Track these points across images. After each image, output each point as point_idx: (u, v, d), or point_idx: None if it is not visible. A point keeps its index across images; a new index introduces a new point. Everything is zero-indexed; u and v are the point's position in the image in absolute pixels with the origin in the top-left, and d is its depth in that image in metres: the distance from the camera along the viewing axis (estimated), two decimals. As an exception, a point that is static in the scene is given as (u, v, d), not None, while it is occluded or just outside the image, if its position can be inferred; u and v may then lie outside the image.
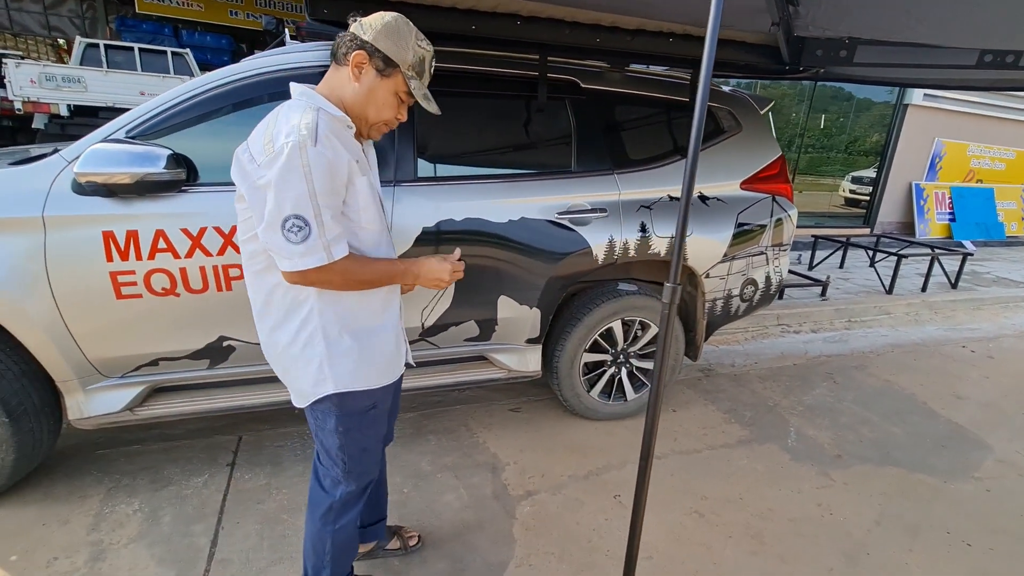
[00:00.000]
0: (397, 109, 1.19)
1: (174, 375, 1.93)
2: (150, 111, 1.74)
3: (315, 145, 1.01)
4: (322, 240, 1.05)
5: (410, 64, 1.14)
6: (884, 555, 1.85)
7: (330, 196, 1.05)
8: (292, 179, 1.00)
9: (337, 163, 1.05)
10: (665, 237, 2.30)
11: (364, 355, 1.21)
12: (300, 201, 1.02)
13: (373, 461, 1.36)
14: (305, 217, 1.02)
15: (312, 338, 1.17)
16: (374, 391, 1.25)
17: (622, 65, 2.37)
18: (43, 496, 1.89)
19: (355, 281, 1.14)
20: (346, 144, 1.11)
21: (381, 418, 1.33)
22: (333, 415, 1.23)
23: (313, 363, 1.18)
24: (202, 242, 1.75)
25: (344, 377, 1.19)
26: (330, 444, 1.27)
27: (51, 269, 1.64)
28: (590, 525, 1.91)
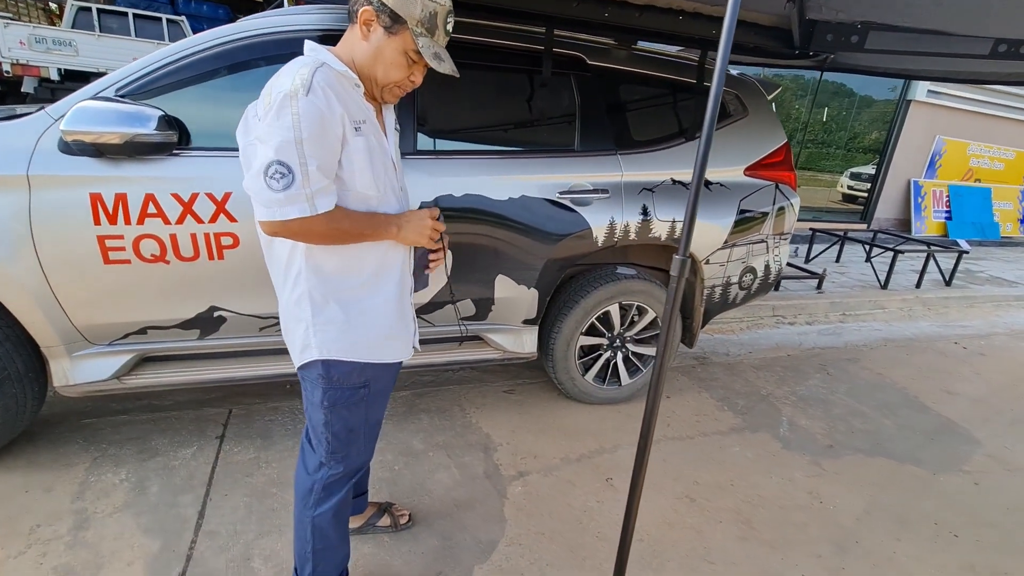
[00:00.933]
0: (408, 70, 1.11)
1: (163, 345, 1.89)
2: (141, 69, 1.68)
3: (307, 95, 0.96)
4: (306, 190, 0.99)
5: (418, 20, 1.05)
6: (872, 544, 1.86)
7: (319, 148, 0.99)
8: (279, 126, 0.96)
9: (330, 116, 0.99)
10: (666, 221, 2.27)
11: (352, 325, 1.15)
12: (285, 148, 0.96)
13: (360, 446, 1.29)
14: (289, 164, 0.97)
15: (300, 299, 1.13)
16: (365, 367, 1.20)
17: (629, 42, 2.32)
18: (27, 464, 1.86)
19: (336, 231, 1.06)
20: (347, 101, 1.04)
21: (375, 401, 1.26)
22: (320, 387, 1.18)
23: (301, 325, 1.15)
24: (193, 208, 1.70)
25: (328, 344, 1.14)
26: (316, 419, 1.22)
27: (36, 230, 1.58)
28: (581, 507, 1.91)
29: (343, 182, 1.08)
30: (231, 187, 1.71)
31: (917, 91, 6.91)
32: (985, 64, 2.23)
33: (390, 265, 1.20)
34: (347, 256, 1.13)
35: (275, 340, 1.99)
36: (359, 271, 1.16)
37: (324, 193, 1.02)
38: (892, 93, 7.47)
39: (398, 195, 1.22)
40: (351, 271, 1.15)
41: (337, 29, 1.83)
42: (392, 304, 1.22)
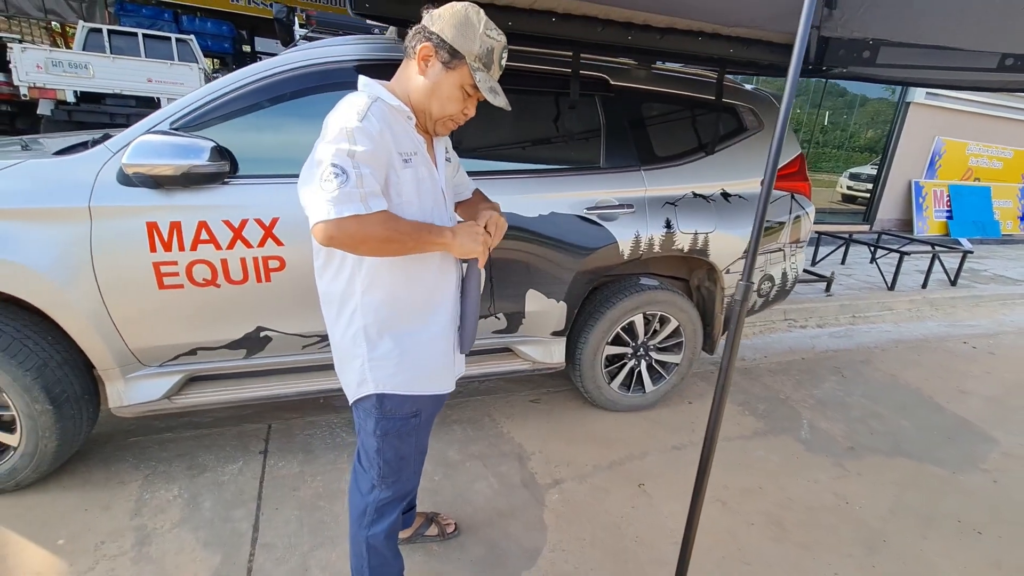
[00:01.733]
0: (463, 104, 1.15)
1: (211, 364, 1.96)
2: (193, 103, 1.76)
3: (360, 122, 1.01)
4: (360, 190, 0.99)
5: (476, 55, 1.10)
6: (900, 543, 1.93)
7: (370, 160, 1.01)
8: (334, 141, 1.00)
9: (380, 141, 1.03)
10: (689, 233, 2.35)
11: (406, 359, 1.20)
12: (339, 155, 0.99)
13: (411, 471, 1.35)
14: (343, 166, 0.98)
15: (356, 336, 1.18)
16: (417, 398, 1.24)
17: (650, 62, 2.40)
18: (82, 482, 1.92)
19: (389, 238, 1.04)
20: (398, 134, 1.09)
21: (424, 428, 1.32)
22: (373, 417, 1.23)
23: (356, 362, 1.19)
24: (243, 234, 1.77)
25: (384, 380, 1.19)
26: (368, 446, 1.27)
27: (96, 259, 1.66)
28: (618, 513, 1.97)
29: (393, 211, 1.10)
30: (278, 212, 1.79)
31: (916, 93, 7.02)
32: (991, 74, 2.32)
33: (440, 297, 1.25)
34: (400, 290, 1.17)
35: (316, 358, 2.06)
36: (411, 304, 1.20)
37: (376, 196, 1.02)
38: (890, 94, 7.59)
39: (447, 220, 1.26)
40: (404, 305, 1.19)
41: (371, 60, 1.92)
42: (442, 335, 1.26)
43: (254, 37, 11.99)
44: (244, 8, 10.41)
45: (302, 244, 1.81)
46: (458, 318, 1.32)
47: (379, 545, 1.35)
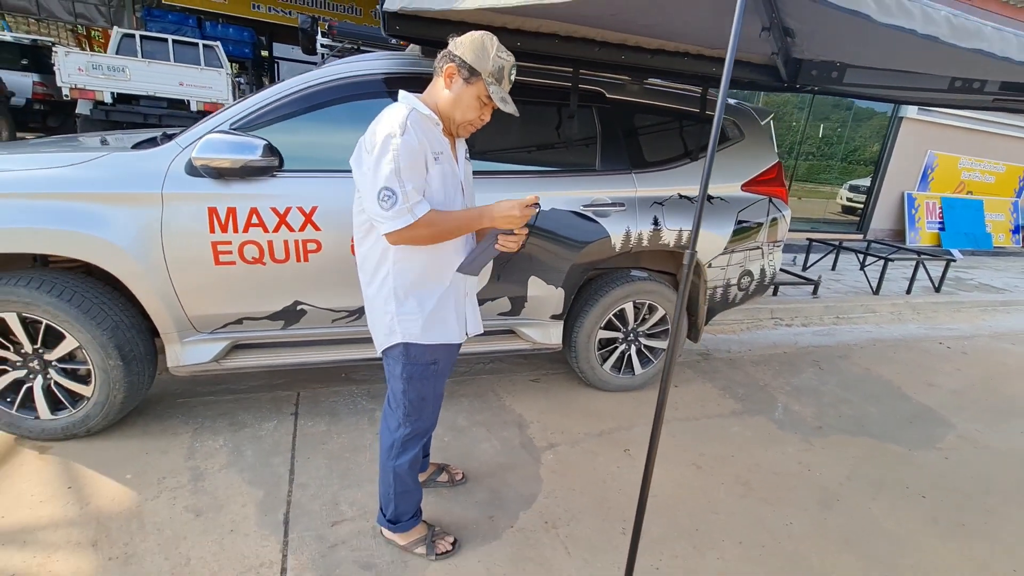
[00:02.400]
0: (480, 111, 1.43)
1: (253, 333, 2.26)
2: (249, 108, 2.07)
3: (402, 135, 1.29)
4: (406, 204, 1.31)
5: (490, 72, 1.37)
6: (851, 503, 2.20)
7: (412, 173, 1.32)
8: (384, 160, 1.30)
9: (419, 150, 1.33)
10: (674, 230, 2.64)
11: (426, 315, 1.49)
12: (389, 177, 1.30)
13: (430, 411, 1.63)
14: (392, 188, 1.30)
15: (388, 296, 1.47)
16: (435, 347, 1.53)
17: (642, 79, 2.70)
18: (141, 432, 2.22)
19: (441, 231, 1.39)
20: (430, 137, 1.38)
21: (441, 375, 1.60)
22: (400, 362, 1.52)
23: (387, 316, 1.49)
24: (287, 219, 2.08)
25: (408, 330, 1.48)
26: (396, 388, 1.57)
27: (165, 238, 1.97)
28: (605, 471, 2.25)
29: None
30: (317, 202, 2.09)
31: (908, 109, 7.30)
32: (944, 95, 2.60)
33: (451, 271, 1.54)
34: (426, 260, 1.46)
35: (343, 331, 2.36)
36: (433, 271, 1.49)
37: (420, 203, 1.35)
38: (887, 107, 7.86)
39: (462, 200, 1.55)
40: (427, 272, 1.48)
41: (396, 73, 2.22)
42: (454, 300, 1.56)
43: (272, 42, 12.44)
44: (264, 15, 10.84)
45: (336, 229, 2.11)
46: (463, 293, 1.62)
47: (403, 474, 1.64)
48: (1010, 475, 2.51)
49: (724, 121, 2.82)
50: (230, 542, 1.71)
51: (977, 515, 2.19)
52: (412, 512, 1.74)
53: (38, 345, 2.02)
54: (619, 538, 1.88)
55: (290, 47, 12.55)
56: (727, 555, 1.85)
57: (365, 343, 2.38)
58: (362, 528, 1.82)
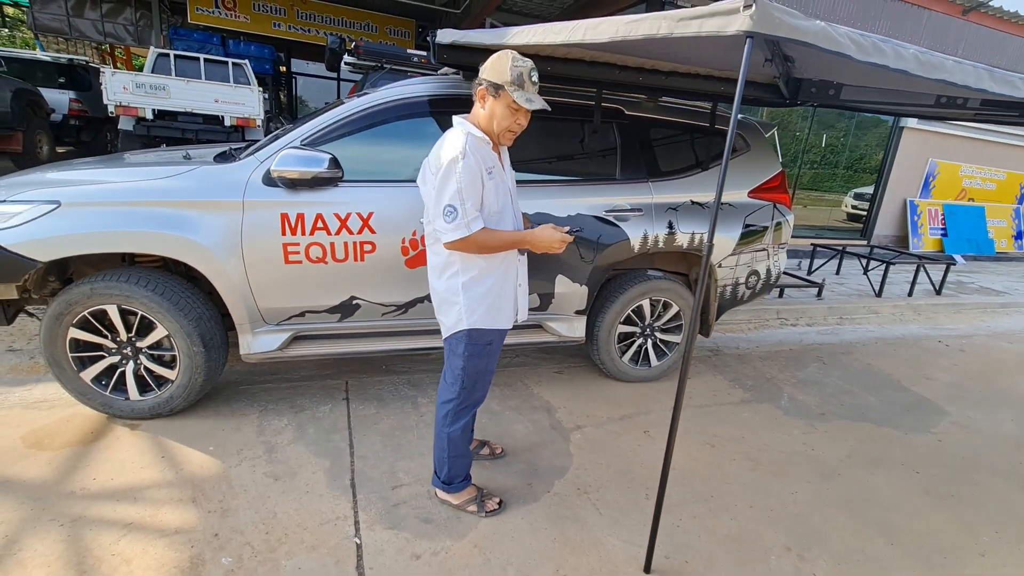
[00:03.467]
0: (513, 117, 1.65)
1: (313, 325, 2.54)
2: (317, 127, 2.37)
3: (464, 159, 1.57)
4: (464, 219, 1.60)
5: (510, 81, 1.59)
6: (851, 476, 2.44)
7: (471, 192, 1.60)
8: (448, 182, 1.58)
9: (477, 170, 1.61)
10: (687, 233, 2.91)
11: (488, 305, 1.77)
12: (452, 196, 1.59)
13: (482, 384, 1.90)
14: (454, 205, 1.59)
15: (455, 289, 1.76)
16: (492, 331, 1.82)
17: (657, 97, 2.99)
18: (214, 414, 2.50)
19: (488, 247, 1.68)
20: (484, 156, 1.67)
21: (494, 354, 1.87)
22: (463, 343, 1.80)
23: (455, 307, 1.78)
24: (347, 224, 2.37)
25: (474, 318, 1.76)
26: (456, 365, 1.84)
27: (245, 239, 2.26)
28: (628, 448, 2.50)
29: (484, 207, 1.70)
30: (373, 208, 2.38)
31: (908, 119, 7.55)
32: (932, 110, 2.87)
33: (508, 266, 1.83)
34: (485, 262, 1.75)
35: (391, 324, 2.64)
36: (491, 270, 1.77)
37: (475, 219, 1.63)
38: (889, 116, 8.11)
39: (515, 211, 1.85)
40: (488, 269, 1.76)
41: (440, 95, 2.52)
42: (510, 290, 1.86)
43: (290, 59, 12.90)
44: (284, 33, 11.29)
45: (389, 233, 2.40)
46: (517, 282, 1.90)
47: (457, 439, 1.91)
48: (998, 455, 2.73)
49: (731, 134, 3.10)
50: (307, 501, 1.98)
51: (965, 487, 2.43)
52: (463, 475, 2.00)
53: (132, 334, 2.31)
54: (643, 502, 2.13)
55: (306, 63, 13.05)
56: (739, 516, 2.10)
57: (409, 335, 2.66)
58: (419, 492, 2.08)
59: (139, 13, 11.04)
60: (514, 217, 1.84)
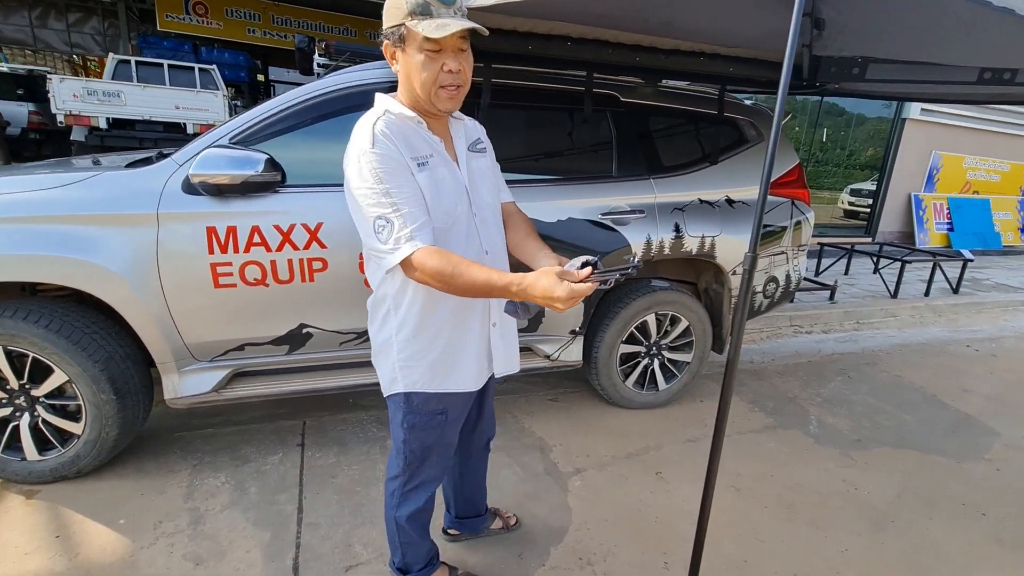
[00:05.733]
0: (434, 64, 1.11)
1: (256, 360, 2.11)
2: (249, 121, 1.96)
3: (372, 147, 1.10)
4: (404, 232, 1.09)
5: (408, 12, 1.08)
6: (906, 523, 2.03)
7: (402, 189, 1.10)
8: (367, 184, 1.10)
9: (399, 158, 1.12)
10: (696, 236, 2.51)
11: (433, 360, 1.26)
12: (379, 203, 1.09)
13: (436, 463, 1.40)
14: (385, 215, 1.09)
15: (388, 339, 1.27)
16: (444, 396, 1.30)
17: (656, 81, 2.60)
18: (136, 471, 2.06)
19: (452, 286, 1.09)
20: (411, 139, 1.15)
21: (451, 424, 1.37)
22: (401, 411, 1.31)
23: (388, 361, 1.29)
24: (291, 237, 1.95)
25: (412, 378, 1.26)
26: (397, 436, 1.36)
27: (161, 260, 1.83)
28: (637, 497, 2.09)
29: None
30: (322, 218, 1.97)
31: (911, 110, 7.25)
32: (973, 88, 2.50)
33: (471, 305, 1.27)
34: (428, 297, 1.20)
35: (352, 354, 2.21)
36: (435, 309, 1.23)
37: (421, 228, 1.11)
38: (886, 111, 7.84)
39: (482, 228, 1.27)
40: (434, 310, 1.23)
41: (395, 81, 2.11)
42: (473, 338, 1.31)
43: (268, 66, 12.48)
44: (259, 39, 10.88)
45: (343, 247, 1.98)
46: (490, 322, 1.34)
47: (405, 526, 1.43)
48: (1068, 486, 2.34)
49: (742, 122, 2.72)
50: (235, 594, 1.55)
51: (1043, 533, 2.03)
52: (424, 562, 1.53)
53: (24, 380, 1.87)
54: (662, 573, 1.71)
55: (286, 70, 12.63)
56: (782, 589, 1.69)
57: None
58: (379, 571, 1.65)
59: (107, 22, 10.61)
60: (478, 237, 1.27)
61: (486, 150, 1.41)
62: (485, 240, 1.30)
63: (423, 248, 1.10)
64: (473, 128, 1.40)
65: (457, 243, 1.22)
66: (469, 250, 1.24)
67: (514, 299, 1.12)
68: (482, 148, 1.39)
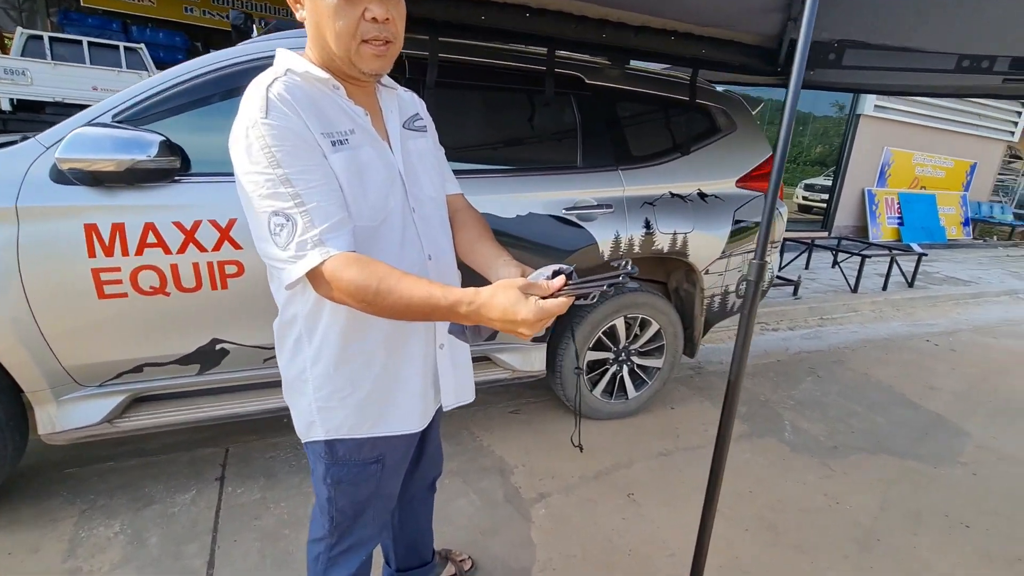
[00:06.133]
0: (353, 10, 0.83)
1: (160, 382, 1.77)
2: (138, 95, 1.60)
3: (265, 117, 0.80)
4: (311, 234, 0.80)
5: None
6: (893, 541, 1.89)
7: (308, 174, 0.81)
8: (257, 168, 0.80)
9: (301, 134, 0.82)
10: (668, 233, 2.31)
11: (364, 399, 0.98)
12: (274, 193, 0.80)
13: (370, 521, 1.12)
14: (283, 211, 0.80)
15: (301, 373, 0.97)
16: (379, 441, 1.02)
17: (624, 61, 2.38)
18: (7, 522, 1.69)
19: (379, 307, 0.81)
20: (323, 108, 0.87)
21: (389, 474, 1.08)
22: (323, 462, 1.01)
23: (303, 401, 0.99)
24: (196, 236, 1.62)
25: (335, 422, 0.97)
26: (319, 493, 1.07)
27: (24, 265, 1.47)
28: (608, 525, 1.87)
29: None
30: (235, 213, 1.64)
31: (865, 105, 7.37)
32: (949, 78, 2.39)
33: (410, 326, 1.00)
34: (355, 317, 0.91)
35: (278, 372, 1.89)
36: (371, 334, 0.95)
37: (336, 229, 0.82)
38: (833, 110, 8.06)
39: (408, 217, 0.97)
40: (361, 335, 0.95)
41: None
42: (415, 367, 1.03)
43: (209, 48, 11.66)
44: (198, 19, 10.12)
45: (263, 247, 1.66)
46: (436, 344, 1.05)
47: None
48: (1042, 489, 2.28)
49: (714, 110, 2.53)
50: None
51: (1028, 544, 1.93)
52: None
53: None
54: (638, 621, 1.49)
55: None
56: (771, 632, 1.50)
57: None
58: (305, 642, 1.36)
59: (23, -4, 9.62)
60: (418, 238, 1.00)
61: (427, 129, 1.12)
62: (427, 243, 1.01)
63: (338, 256, 0.81)
64: (410, 101, 1.10)
65: (389, 248, 0.94)
66: (406, 256, 0.97)
67: (463, 322, 0.85)
68: (422, 126, 1.10)
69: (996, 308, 5.33)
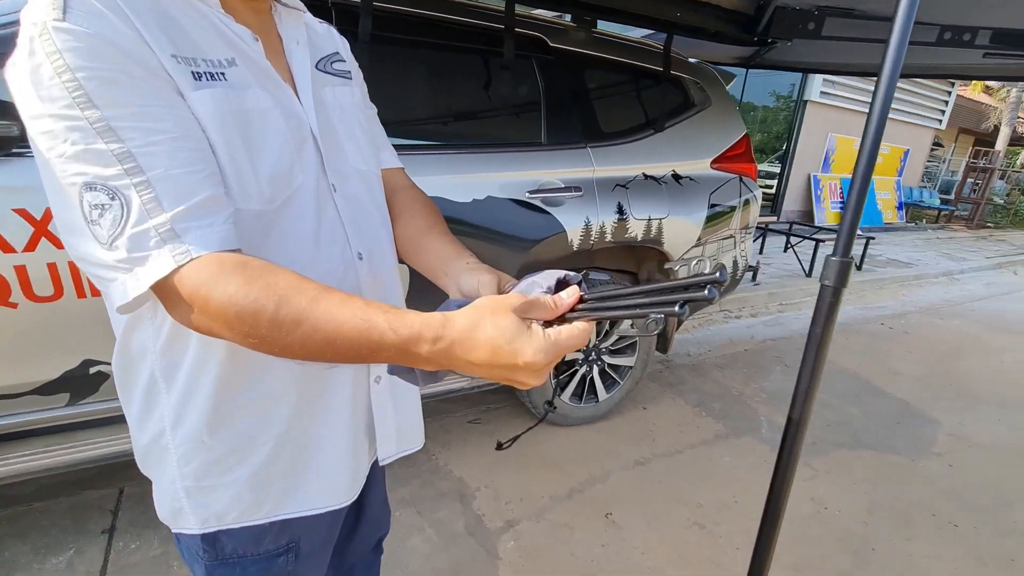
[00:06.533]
0: None
1: (13, 419, 1.36)
2: (-49, 33, 1.18)
3: (63, 18, 0.44)
4: (155, 221, 0.46)
5: None
6: (888, 548, 1.76)
7: (148, 115, 0.47)
8: (49, 109, 0.45)
9: (133, 46, 0.47)
10: (642, 219, 2.07)
11: (259, 471, 0.64)
12: (85, 150, 0.45)
13: None
14: (104, 179, 0.45)
15: (158, 437, 0.61)
16: (288, 523, 0.68)
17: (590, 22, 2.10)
18: None
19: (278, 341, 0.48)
20: (178, 20, 0.52)
21: (309, 565, 0.73)
22: (201, 563, 0.66)
23: (165, 474, 0.63)
24: (50, 229, 1.22)
25: (216, 508, 0.64)
26: None
27: None
28: (586, 555, 1.63)
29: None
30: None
31: (812, 91, 7.47)
32: (928, 54, 2.27)
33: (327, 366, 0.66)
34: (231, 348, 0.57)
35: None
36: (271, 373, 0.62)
37: (201, 212, 0.48)
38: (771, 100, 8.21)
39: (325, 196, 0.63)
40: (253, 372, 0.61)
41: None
42: (339, 416, 0.69)
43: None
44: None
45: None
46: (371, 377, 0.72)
47: None
48: (1013, 479, 2.23)
49: (689, 82, 2.30)
50: None
51: (1011, 541, 1.85)
52: None
53: None
54: None
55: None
56: (779, 678, 1.31)
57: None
58: None
59: None
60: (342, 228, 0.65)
61: (351, 75, 0.76)
62: (355, 235, 0.67)
63: (205, 258, 0.47)
64: (327, 35, 0.75)
65: (296, 244, 0.60)
66: (324, 257, 0.63)
67: (423, 366, 0.51)
68: (344, 70, 0.75)
69: (937, 289, 5.52)
